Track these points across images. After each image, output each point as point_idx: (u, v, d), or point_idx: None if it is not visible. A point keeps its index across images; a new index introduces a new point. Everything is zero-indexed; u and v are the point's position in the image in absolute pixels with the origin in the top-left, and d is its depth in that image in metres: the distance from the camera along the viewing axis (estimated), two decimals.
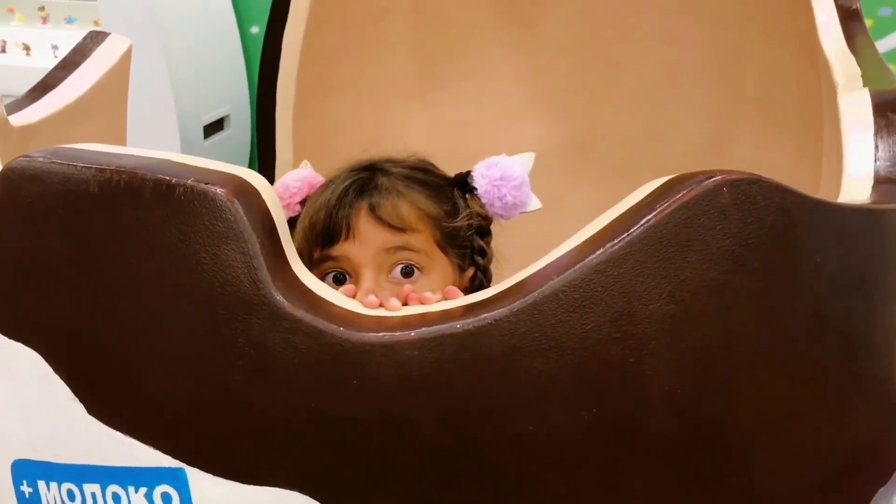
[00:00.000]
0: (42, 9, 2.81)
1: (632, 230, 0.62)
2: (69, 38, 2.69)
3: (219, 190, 0.63)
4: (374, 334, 0.62)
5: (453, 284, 0.89)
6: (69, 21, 2.82)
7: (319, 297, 0.64)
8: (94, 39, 1.31)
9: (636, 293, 0.63)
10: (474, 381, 0.62)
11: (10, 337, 0.71)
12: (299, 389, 0.62)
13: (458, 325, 0.61)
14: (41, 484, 0.71)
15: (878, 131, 0.91)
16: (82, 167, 0.66)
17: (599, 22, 1.97)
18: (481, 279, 0.93)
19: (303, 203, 0.95)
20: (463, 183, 0.94)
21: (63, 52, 2.64)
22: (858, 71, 1.16)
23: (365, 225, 0.86)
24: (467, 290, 0.89)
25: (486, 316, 0.62)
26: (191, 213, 0.63)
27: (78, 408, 0.68)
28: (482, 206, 0.93)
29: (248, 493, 0.64)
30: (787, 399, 0.70)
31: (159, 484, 0.66)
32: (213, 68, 2.82)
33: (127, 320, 0.65)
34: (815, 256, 0.68)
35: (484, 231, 0.93)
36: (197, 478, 0.65)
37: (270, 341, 0.62)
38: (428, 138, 1.82)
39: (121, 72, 1.25)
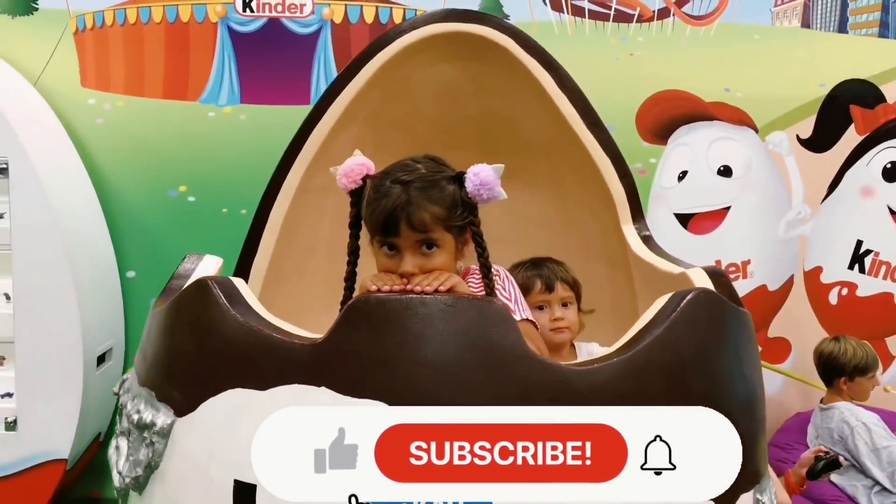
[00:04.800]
0: None
1: (676, 310, 1.37)
2: None
3: (497, 304, 1.29)
4: (571, 368, 1.29)
5: (455, 249, 1.58)
6: None
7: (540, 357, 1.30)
8: (191, 258, 1.83)
9: (680, 339, 1.37)
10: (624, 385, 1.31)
11: (357, 396, 1.26)
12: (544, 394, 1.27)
13: (616, 360, 1.31)
14: None
15: None
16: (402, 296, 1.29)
17: None
18: (478, 239, 1.60)
19: (364, 179, 1.61)
20: (460, 181, 1.56)
21: None
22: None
23: (405, 229, 1.52)
24: (466, 244, 1.61)
25: (622, 357, 1.33)
26: (481, 312, 1.27)
27: None
28: (469, 197, 1.55)
29: None
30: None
31: None
32: (100, 306, 3.18)
33: (444, 372, 1.25)
34: (730, 321, 1.48)
35: (472, 208, 1.56)
36: None
37: (539, 376, 1.27)
38: None
39: None
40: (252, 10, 3.28)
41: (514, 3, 3.38)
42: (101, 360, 3.13)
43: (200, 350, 1.42)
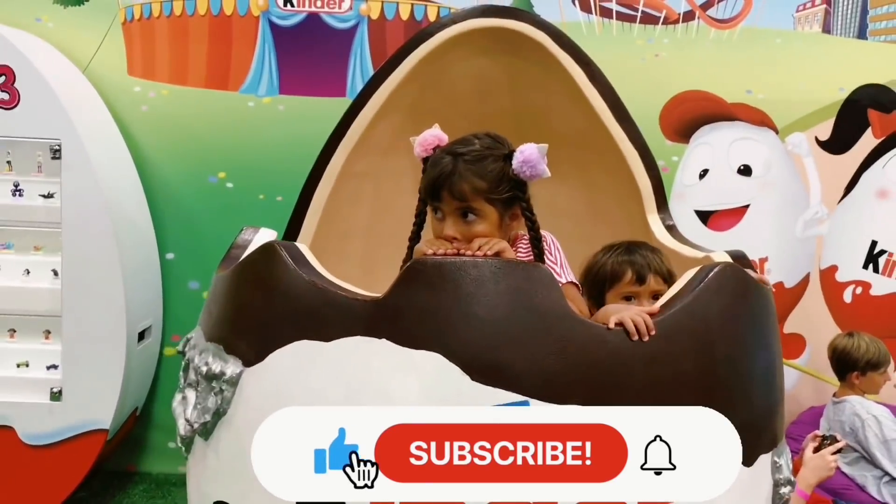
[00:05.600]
0: None
1: (704, 280, 1.49)
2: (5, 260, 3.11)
3: (543, 269, 1.40)
4: (607, 328, 1.41)
5: (500, 220, 1.67)
6: (7, 247, 3.20)
7: (580, 317, 1.42)
8: (249, 231, 1.96)
9: (707, 306, 1.49)
10: (655, 346, 1.42)
11: (415, 348, 1.38)
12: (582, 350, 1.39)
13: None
14: None
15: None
16: (456, 259, 1.41)
17: None
18: (528, 213, 1.69)
19: (434, 149, 1.72)
20: (508, 158, 1.66)
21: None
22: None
23: (447, 196, 1.65)
24: (515, 218, 1.70)
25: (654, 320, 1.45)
26: (528, 276, 1.39)
27: (465, 378, 1.36)
28: (515, 174, 1.64)
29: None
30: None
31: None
32: (142, 284, 3.32)
33: (493, 327, 1.37)
34: (752, 293, 1.60)
35: (520, 184, 1.66)
36: (535, 404, 1.35)
37: (578, 334, 1.38)
38: None
39: None
40: (292, 5, 3.42)
41: (544, 2, 3.51)
42: (140, 336, 3.27)
43: (268, 306, 1.55)
